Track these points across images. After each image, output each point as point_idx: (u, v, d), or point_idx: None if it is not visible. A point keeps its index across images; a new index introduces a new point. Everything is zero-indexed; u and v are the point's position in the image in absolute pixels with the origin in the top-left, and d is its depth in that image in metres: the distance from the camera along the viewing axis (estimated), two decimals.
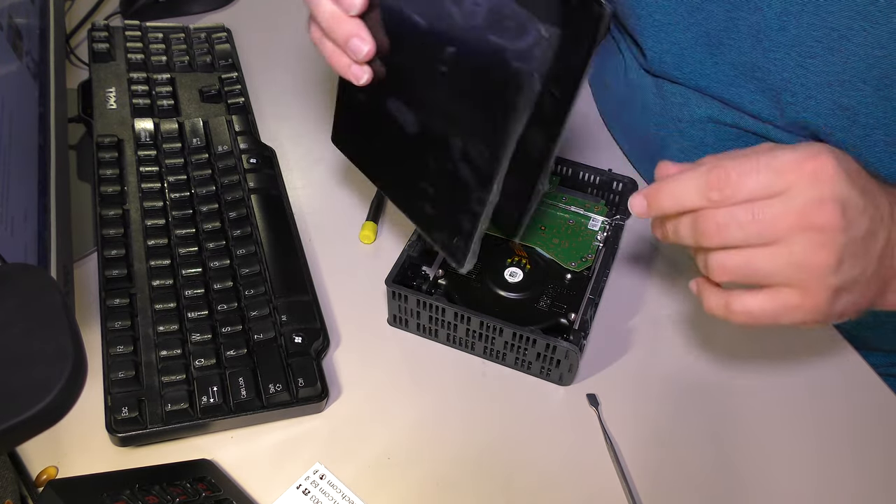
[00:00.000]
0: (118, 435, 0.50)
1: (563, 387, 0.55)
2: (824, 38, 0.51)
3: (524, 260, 0.57)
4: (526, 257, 0.57)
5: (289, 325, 0.55)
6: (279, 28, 0.86)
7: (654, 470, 0.52)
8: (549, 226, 0.58)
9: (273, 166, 0.68)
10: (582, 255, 0.57)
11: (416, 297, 0.54)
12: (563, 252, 0.58)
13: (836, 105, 0.53)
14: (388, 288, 0.55)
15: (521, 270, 0.57)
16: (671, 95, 0.64)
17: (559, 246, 0.57)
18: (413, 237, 0.58)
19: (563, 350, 0.51)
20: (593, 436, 0.54)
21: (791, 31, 0.53)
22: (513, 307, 0.55)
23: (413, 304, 0.55)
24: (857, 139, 0.54)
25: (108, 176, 0.64)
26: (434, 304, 0.54)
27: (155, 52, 0.76)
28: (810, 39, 0.52)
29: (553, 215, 0.58)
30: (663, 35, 0.61)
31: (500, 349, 0.55)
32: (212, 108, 0.73)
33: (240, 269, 0.59)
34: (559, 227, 0.58)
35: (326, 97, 0.78)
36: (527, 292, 0.56)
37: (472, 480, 0.51)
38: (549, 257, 0.57)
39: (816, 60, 0.53)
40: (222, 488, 0.48)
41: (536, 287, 0.56)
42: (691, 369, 0.57)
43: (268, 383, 0.52)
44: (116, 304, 0.55)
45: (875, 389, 0.57)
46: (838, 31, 0.50)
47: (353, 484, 0.50)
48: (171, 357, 0.53)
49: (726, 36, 0.57)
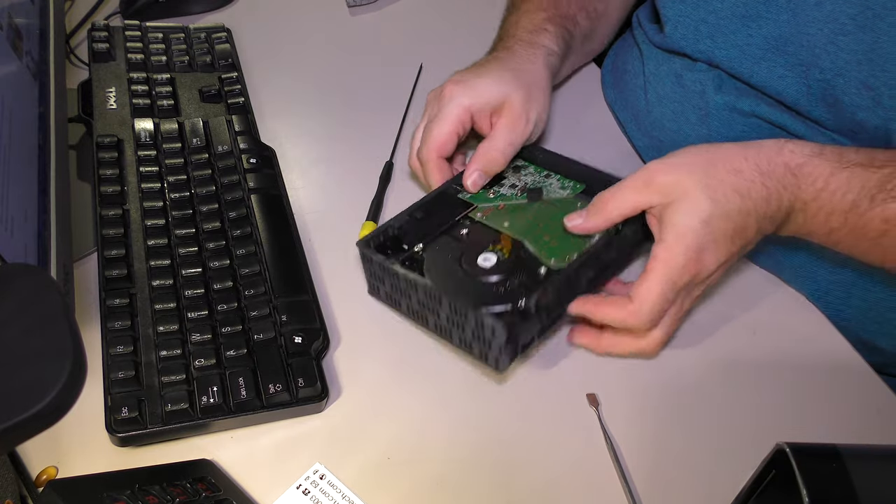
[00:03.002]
0: (118, 435, 0.50)
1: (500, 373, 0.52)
2: (859, 16, 0.52)
3: (505, 249, 0.56)
4: (508, 247, 0.56)
5: (289, 325, 0.55)
6: (279, 28, 0.86)
7: (654, 470, 0.52)
8: (546, 224, 0.57)
9: (273, 166, 0.68)
10: (566, 254, 0.55)
11: (379, 261, 0.53)
12: (549, 249, 0.56)
13: (862, 84, 0.54)
14: (358, 248, 0.55)
15: (497, 257, 0.55)
16: (691, 84, 0.64)
17: (548, 244, 0.56)
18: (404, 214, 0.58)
19: (489, 326, 0.48)
20: (593, 436, 0.54)
21: (827, 6, 0.53)
22: (475, 289, 0.53)
23: (378, 269, 0.54)
24: (878, 120, 0.54)
25: (108, 176, 0.64)
26: (390, 268, 0.52)
27: (155, 52, 0.76)
28: (844, 16, 0.53)
29: (557, 216, 0.57)
30: (702, 3, 0.61)
31: (445, 324, 0.52)
32: (212, 108, 0.73)
33: (240, 269, 0.59)
34: (556, 227, 0.57)
35: (326, 97, 0.78)
36: (495, 278, 0.54)
37: (472, 480, 0.51)
38: (532, 251, 0.56)
39: (848, 38, 0.53)
40: (222, 488, 0.48)
41: (506, 275, 0.54)
42: (691, 369, 0.57)
43: (268, 383, 0.52)
44: (116, 304, 0.55)
45: (875, 389, 0.57)
46: (873, 10, 0.51)
47: (353, 484, 0.50)
48: (171, 357, 0.53)
49: (764, 8, 0.57)
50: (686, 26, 0.63)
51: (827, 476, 0.42)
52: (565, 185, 0.58)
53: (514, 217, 0.57)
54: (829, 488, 0.41)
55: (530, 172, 0.60)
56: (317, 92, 0.79)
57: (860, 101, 0.54)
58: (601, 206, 0.52)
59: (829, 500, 0.41)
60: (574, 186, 0.59)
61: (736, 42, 0.60)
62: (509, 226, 0.56)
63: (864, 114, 0.54)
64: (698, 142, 0.65)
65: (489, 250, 0.55)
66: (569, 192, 0.58)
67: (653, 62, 0.70)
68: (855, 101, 0.54)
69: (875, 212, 0.48)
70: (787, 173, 0.49)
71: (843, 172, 0.49)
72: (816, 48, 0.55)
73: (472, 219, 0.58)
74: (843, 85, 0.54)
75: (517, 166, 0.61)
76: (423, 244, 0.56)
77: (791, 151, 0.50)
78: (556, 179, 0.58)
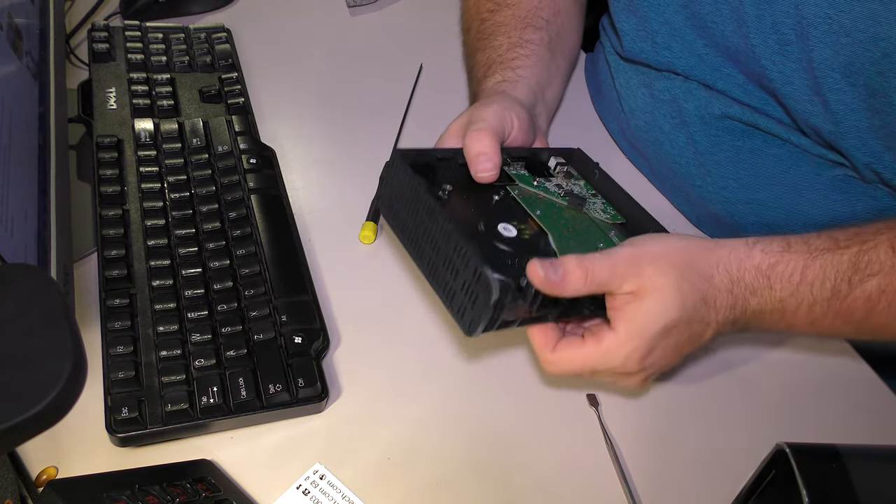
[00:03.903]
0: (118, 435, 0.50)
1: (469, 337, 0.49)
2: (796, 26, 0.52)
3: (528, 231, 0.53)
4: (532, 231, 0.53)
5: (289, 325, 0.55)
6: (279, 28, 0.86)
7: (654, 470, 0.52)
8: (576, 230, 0.54)
9: (273, 166, 0.68)
10: None
11: (408, 174, 0.51)
12: (567, 249, 0.52)
13: (811, 91, 0.54)
14: (393, 155, 0.52)
15: (517, 232, 0.52)
16: (660, 93, 0.65)
17: (568, 244, 0.54)
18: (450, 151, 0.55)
19: (485, 282, 0.45)
20: (593, 436, 0.54)
21: (767, 18, 0.54)
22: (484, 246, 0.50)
23: (403, 183, 0.52)
24: (831, 125, 0.55)
25: (108, 176, 0.64)
26: (417, 187, 0.50)
27: (155, 52, 0.76)
28: (784, 27, 0.53)
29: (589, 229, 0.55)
30: (653, 15, 0.61)
31: (440, 266, 0.50)
32: (212, 108, 0.73)
33: (240, 270, 0.59)
34: (584, 237, 0.54)
35: (326, 97, 0.78)
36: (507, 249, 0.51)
37: (472, 480, 0.51)
38: (552, 246, 0.54)
39: (791, 47, 0.54)
40: (222, 488, 0.48)
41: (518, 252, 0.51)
42: (691, 369, 0.57)
43: (268, 383, 0.52)
44: (116, 305, 0.55)
45: (875, 389, 0.57)
46: (807, 20, 0.52)
47: (353, 484, 0.50)
48: (171, 357, 0.53)
49: (710, 20, 0.58)
50: (643, 39, 0.63)
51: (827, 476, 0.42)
52: (607, 210, 0.57)
53: (548, 210, 0.55)
54: (829, 488, 0.41)
55: (579, 185, 0.59)
56: (317, 92, 0.79)
57: (811, 107, 0.55)
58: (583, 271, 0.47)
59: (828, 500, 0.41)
60: (615, 215, 0.57)
61: (694, 51, 0.60)
62: (541, 215, 0.54)
63: (816, 120, 0.55)
64: (676, 152, 0.65)
65: (513, 224, 0.54)
66: (608, 217, 0.56)
67: (622, 75, 0.70)
68: (806, 108, 0.55)
69: (856, 294, 0.48)
70: (759, 276, 0.49)
71: (816, 262, 0.48)
72: (763, 59, 0.55)
73: (508, 191, 0.56)
74: (793, 93, 0.55)
75: (570, 174, 0.60)
76: (451, 186, 0.54)
77: (762, 251, 0.49)
78: (601, 202, 0.57)
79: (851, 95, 0.52)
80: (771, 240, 0.50)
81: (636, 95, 0.68)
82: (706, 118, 0.62)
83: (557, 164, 0.59)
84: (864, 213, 0.58)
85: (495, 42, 0.67)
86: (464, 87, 0.76)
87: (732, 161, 0.62)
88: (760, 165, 0.61)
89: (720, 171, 0.63)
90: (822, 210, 0.59)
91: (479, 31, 0.69)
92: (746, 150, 0.61)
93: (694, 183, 0.65)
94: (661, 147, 0.67)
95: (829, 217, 0.59)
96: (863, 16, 0.49)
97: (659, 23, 0.61)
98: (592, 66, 0.79)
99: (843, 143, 0.55)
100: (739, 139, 0.61)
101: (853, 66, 0.51)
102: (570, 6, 0.71)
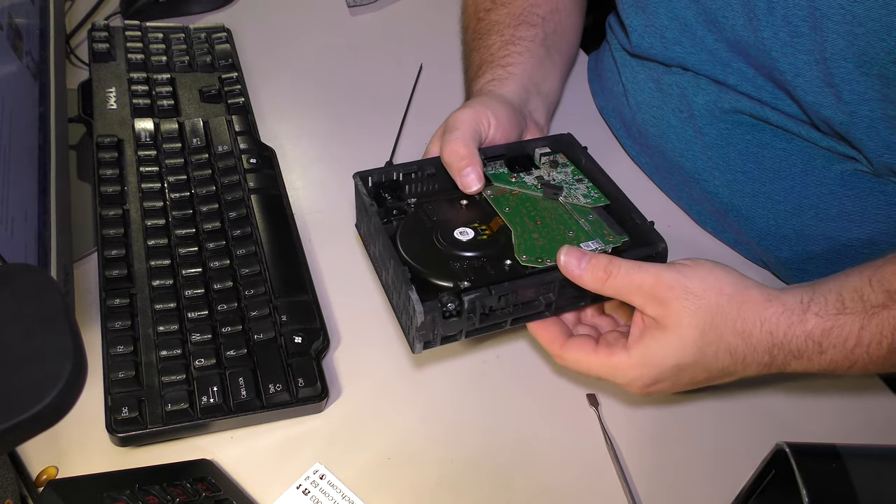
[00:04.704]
0: (118, 435, 0.50)
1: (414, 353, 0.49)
2: (809, 17, 0.52)
3: (487, 230, 0.53)
4: (493, 229, 0.53)
5: (289, 325, 0.55)
6: (279, 28, 0.86)
7: (654, 470, 0.52)
8: (544, 222, 0.54)
9: (273, 166, 0.68)
10: (538, 257, 0.51)
11: (364, 196, 0.53)
12: (527, 245, 0.52)
13: (823, 82, 0.54)
14: (353, 179, 0.54)
15: (474, 234, 0.52)
16: (669, 87, 0.65)
17: (533, 240, 0.52)
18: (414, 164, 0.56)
19: (413, 304, 0.46)
20: (593, 436, 0.54)
21: (779, 11, 0.54)
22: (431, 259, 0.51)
23: (362, 205, 0.54)
24: (843, 115, 0.55)
25: (108, 176, 0.64)
26: (369, 209, 0.52)
27: (155, 52, 0.76)
28: (796, 19, 0.53)
29: (560, 219, 0.55)
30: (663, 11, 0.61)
31: (389, 285, 0.51)
32: (212, 108, 0.73)
33: (240, 269, 0.59)
34: (552, 229, 0.53)
35: (326, 97, 0.78)
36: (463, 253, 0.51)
37: (472, 480, 0.51)
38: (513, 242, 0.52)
39: (803, 39, 0.53)
40: (222, 488, 0.48)
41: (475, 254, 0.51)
42: None
43: (268, 383, 0.52)
44: (116, 304, 0.55)
45: (875, 389, 0.57)
46: (821, 11, 0.52)
47: (353, 484, 0.50)
48: (171, 357, 0.53)
49: (720, 14, 0.58)
50: (652, 35, 0.64)
51: (827, 476, 0.42)
52: (590, 194, 0.56)
53: (518, 206, 0.55)
54: (829, 488, 0.41)
55: (566, 172, 0.59)
56: (317, 92, 0.79)
57: (822, 99, 0.55)
58: (605, 272, 0.47)
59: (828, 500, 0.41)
60: (596, 199, 0.56)
61: (704, 46, 0.60)
62: (509, 212, 0.54)
63: (828, 111, 0.55)
64: (684, 146, 0.65)
65: (472, 226, 0.54)
66: (590, 201, 0.56)
67: (628, 70, 0.70)
68: (818, 99, 0.55)
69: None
70: (809, 342, 0.46)
71: (872, 323, 0.46)
72: (773, 51, 0.55)
73: (481, 194, 0.56)
74: (804, 85, 0.55)
75: (556, 163, 0.59)
76: (416, 199, 0.56)
77: (817, 315, 0.46)
78: (586, 186, 0.57)
79: (864, 85, 0.52)
80: (825, 298, 0.46)
81: (643, 90, 0.68)
82: (715, 112, 0.62)
83: (542, 156, 0.59)
84: (874, 208, 0.58)
85: (489, 41, 0.67)
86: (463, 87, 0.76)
87: (741, 155, 0.62)
88: (769, 159, 0.61)
89: (728, 165, 0.63)
90: (831, 204, 0.59)
91: (475, 30, 0.69)
92: (755, 144, 0.61)
93: (700, 177, 0.65)
94: (667, 141, 0.67)
95: (837, 212, 0.59)
96: (877, 5, 0.49)
97: (668, 18, 0.62)
98: (595, 64, 0.79)
99: (855, 133, 0.55)
100: (748, 133, 0.61)
101: (867, 56, 0.51)
102: (568, 3, 0.72)
